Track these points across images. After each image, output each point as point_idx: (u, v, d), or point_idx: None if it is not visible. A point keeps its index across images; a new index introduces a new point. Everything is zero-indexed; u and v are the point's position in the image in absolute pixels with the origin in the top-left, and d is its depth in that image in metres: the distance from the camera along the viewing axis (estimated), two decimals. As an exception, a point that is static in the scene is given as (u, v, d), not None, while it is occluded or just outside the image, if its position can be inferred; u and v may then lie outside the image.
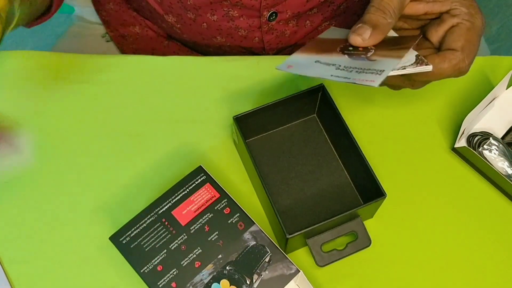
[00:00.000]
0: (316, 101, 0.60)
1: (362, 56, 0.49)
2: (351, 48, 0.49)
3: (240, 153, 0.59)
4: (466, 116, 0.57)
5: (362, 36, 0.48)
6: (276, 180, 0.58)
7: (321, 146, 0.60)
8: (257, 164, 0.57)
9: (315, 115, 0.62)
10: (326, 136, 0.61)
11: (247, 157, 0.54)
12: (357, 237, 0.53)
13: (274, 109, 0.56)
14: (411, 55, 0.50)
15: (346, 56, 0.49)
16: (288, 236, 0.49)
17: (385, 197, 0.51)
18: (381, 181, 0.52)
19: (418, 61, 0.49)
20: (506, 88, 0.63)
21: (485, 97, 0.58)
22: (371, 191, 0.53)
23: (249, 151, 0.53)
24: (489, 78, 0.64)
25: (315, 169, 0.59)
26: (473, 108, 0.57)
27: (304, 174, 0.59)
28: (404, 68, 0.48)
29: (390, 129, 0.62)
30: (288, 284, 0.49)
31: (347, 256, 0.53)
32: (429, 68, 0.48)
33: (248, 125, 0.56)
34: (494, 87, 0.59)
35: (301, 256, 0.55)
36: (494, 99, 0.61)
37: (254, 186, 0.58)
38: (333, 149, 0.60)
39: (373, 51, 0.49)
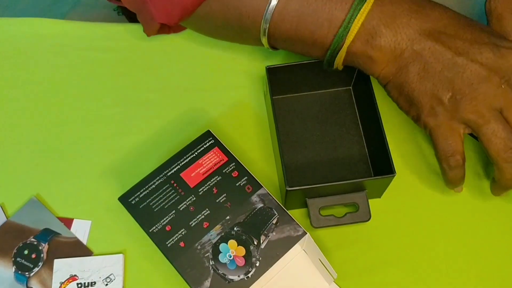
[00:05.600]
0: (353, 72, 0.58)
1: None
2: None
3: (267, 109, 0.59)
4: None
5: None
6: (294, 139, 0.58)
7: (349, 119, 0.59)
8: (278, 119, 0.58)
9: (350, 87, 0.61)
10: (356, 110, 0.60)
11: (271, 111, 0.54)
12: (358, 209, 0.53)
13: (307, 70, 0.56)
14: None
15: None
16: (288, 188, 0.49)
17: (393, 176, 0.50)
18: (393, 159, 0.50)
19: None
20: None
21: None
22: (383, 169, 0.52)
23: (272, 104, 0.53)
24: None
25: (336, 138, 0.58)
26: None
27: (324, 141, 0.58)
28: None
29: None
30: (294, 246, 0.50)
31: (343, 225, 0.53)
32: None
33: (279, 81, 0.56)
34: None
35: (297, 217, 0.53)
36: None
37: (273, 144, 0.58)
38: (360, 123, 0.59)
39: None
